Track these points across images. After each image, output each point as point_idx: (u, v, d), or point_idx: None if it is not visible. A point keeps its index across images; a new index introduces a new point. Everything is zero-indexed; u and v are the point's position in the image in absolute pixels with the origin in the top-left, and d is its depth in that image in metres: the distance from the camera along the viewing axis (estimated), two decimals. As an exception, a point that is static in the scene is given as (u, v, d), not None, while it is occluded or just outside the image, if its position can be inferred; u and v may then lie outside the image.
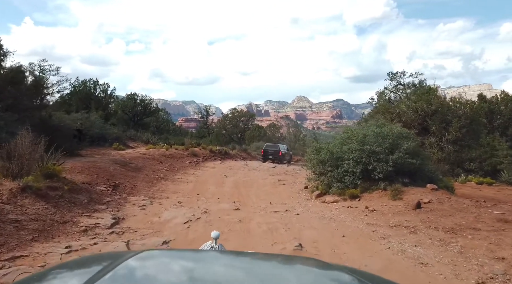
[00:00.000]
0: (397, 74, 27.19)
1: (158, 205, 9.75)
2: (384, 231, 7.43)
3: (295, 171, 22.41)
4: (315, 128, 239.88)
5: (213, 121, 55.88)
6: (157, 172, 16.14)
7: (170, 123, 47.49)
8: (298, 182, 16.34)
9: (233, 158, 30.52)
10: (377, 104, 33.29)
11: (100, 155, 18.28)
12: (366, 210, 9.28)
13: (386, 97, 27.89)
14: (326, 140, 65.56)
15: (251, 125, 49.46)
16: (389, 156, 10.56)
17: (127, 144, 25.33)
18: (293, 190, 13.99)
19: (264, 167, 24.20)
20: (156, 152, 22.60)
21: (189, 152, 25.27)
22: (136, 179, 13.51)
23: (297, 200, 11.70)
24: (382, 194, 10.23)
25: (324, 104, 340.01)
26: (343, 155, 11.32)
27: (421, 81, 23.00)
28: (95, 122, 23.38)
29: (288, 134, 59.90)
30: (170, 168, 18.18)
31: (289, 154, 32.40)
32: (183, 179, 15.61)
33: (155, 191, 12.07)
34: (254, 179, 17.37)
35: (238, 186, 14.95)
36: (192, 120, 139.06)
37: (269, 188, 14.77)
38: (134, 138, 28.16)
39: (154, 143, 26.61)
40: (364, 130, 11.61)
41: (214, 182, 15.67)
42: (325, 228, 7.82)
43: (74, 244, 5.81)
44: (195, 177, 16.63)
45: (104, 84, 31.14)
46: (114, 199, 9.55)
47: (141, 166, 16.44)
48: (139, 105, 37.82)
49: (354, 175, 10.92)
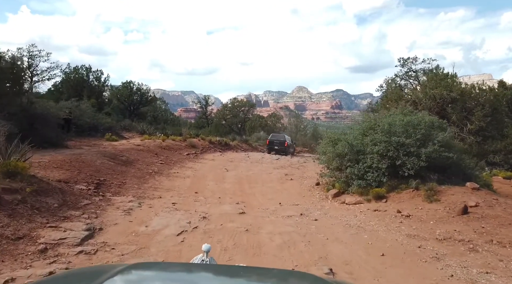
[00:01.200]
0: (408, 60, 25.41)
1: (148, 208, 8.06)
2: (434, 246, 5.77)
3: (300, 164, 20.77)
4: (315, 118, 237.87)
5: (213, 111, 54.05)
6: (151, 166, 14.44)
7: (168, 113, 45.62)
8: (306, 177, 14.68)
9: (234, 149, 28.82)
10: (386, 92, 31.52)
11: (90, 146, 16.57)
12: (399, 215, 7.61)
13: (396, 84, 26.15)
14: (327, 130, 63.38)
15: (251, 116, 47.66)
16: (421, 149, 8.87)
17: (121, 135, 23.58)
18: (303, 187, 12.32)
19: (267, 159, 22.53)
20: (151, 143, 20.90)
21: (187, 143, 23.53)
22: (126, 174, 11.81)
23: (310, 200, 10.03)
24: (413, 194, 8.56)
25: (323, 94, 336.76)
26: (365, 148, 9.63)
27: (437, 67, 21.19)
28: (86, 111, 21.59)
29: (289, 125, 58.11)
30: (165, 161, 16.48)
31: (292, 145, 30.83)
32: (179, 174, 13.92)
33: (146, 189, 10.38)
34: (257, 173, 15.69)
35: (241, 181, 13.28)
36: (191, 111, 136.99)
37: (276, 184, 13.11)
38: (129, 129, 26.39)
39: (150, 134, 24.88)
40: (390, 118, 9.88)
41: (214, 177, 13.99)
42: (355, 241, 6.15)
43: (19, 274, 4.14)
44: (193, 171, 14.94)
45: (97, 71, 29.25)
46: (94, 201, 7.85)
47: (133, 159, 14.74)
48: (135, 94, 35.97)
49: (378, 171, 9.23)
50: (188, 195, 10.24)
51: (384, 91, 31.39)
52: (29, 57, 27.83)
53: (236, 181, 13.35)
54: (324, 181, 11.60)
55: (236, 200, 9.78)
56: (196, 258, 2.53)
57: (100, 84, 29.25)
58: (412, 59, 25.21)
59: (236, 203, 9.39)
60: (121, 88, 35.53)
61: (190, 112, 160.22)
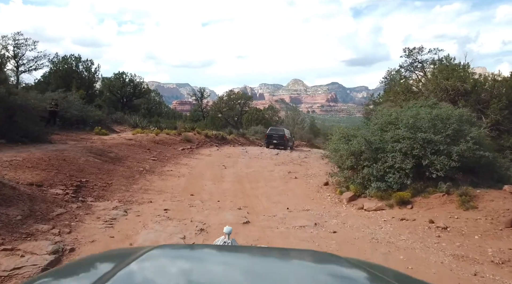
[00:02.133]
0: (414, 51, 24.15)
1: (135, 217, 6.77)
2: (494, 273, 4.56)
3: (301, 159, 19.55)
4: (310, 112, 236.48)
5: (208, 104, 52.59)
6: (142, 163, 13.12)
7: (163, 106, 44.15)
8: (311, 175, 13.46)
9: (231, 144, 27.54)
10: (389, 84, 30.29)
11: (76, 141, 15.20)
12: (434, 227, 6.38)
13: (401, 76, 24.91)
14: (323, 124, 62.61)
15: (248, 108, 46.32)
16: (452, 147, 7.64)
17: (112, 128, 22.20)
18: (310, 187, 11.09)
19: (266, 154, 21.28)
20: (144, 137, 19.56)
21: (182, 137, 22.21)
22: (113, 173, 10.49)
23: (321, 204, 8.80)
24: (444, 200, 7.34)
25: (319, 87, 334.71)
26: (385, 145, 8.39)
27: (447, 57, 19.95)
28: (74, 103, 20.15)
29: (286, 118, 56.84)
30: (159, 157, 15.17)
31: (291, 139, 29.69)
32: (173, 172, 12.62)
33: (135, 191, 9.08)
34: (258, 170, 14.44)
35: (241, 180, 12.02)
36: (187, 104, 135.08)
37: (280, 183, 11.86)
38: (121, 122, 25.00)
39: (143, 127, 23.52)
40: (413, 111, 8.62)
41: (212, 175, 12.71)
42: (390, 264, 4.92)
43: None
44: (188, 169, 13.65)
45: (87, 61, 27.66)
46: (70, 210, 6.54)
47: (122, 155, 13.40)
48: (128, 85, 34.47)
49: (401, 172, 8.00)
50: (183, 198, 8.96)
51: (387, 84, 30.16)
52: (15, 46, 26.30)
53: (236, 180, 12.09)
54: (334, 181, 10.38)
55: (238, 204, 8.53)
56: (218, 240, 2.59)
57: (90, 75, 27.69)
58: (418, 49, 23.95)
59: (238, 208, 8.14)
60: (113, 79, 33.99)
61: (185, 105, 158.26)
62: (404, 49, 24.52)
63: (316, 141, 48.36)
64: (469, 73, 17.10)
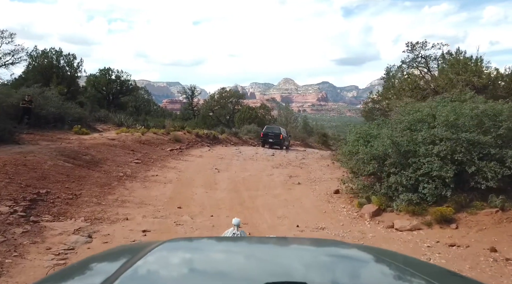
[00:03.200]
0: (417, 45, 22.71)
1: (100, 245, 5.02)
2: None
3: (300, 161, 17.96)
4: (301, 111, 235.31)
5: (199, 102, 50.72)
6: (123, 167, 11.34)
7: (152, 104, 42.14)
8: (316, 180, 11.85)
9: (223, 143, 25.80)
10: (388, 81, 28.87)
11: (51, 141, 13.34)
12: (501, 259, 4.77)
13: (404, 72, 23.46)
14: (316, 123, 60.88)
15: (240, 107, 44.61)
16: (506, 151, 6.08)
17: (94, 127, 20.29)
18: (318, 196, 9.45)
19: (261, 155, 19.63)
20: (129, 137, 17.74)
21: (171, 136, 20.40)
22: (85, 181, 8.71)
23: (338, 219, 7.16)
24: (498, 218, 5.76)
25: (310, 86, 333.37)
26: (416, 148, 6.79)
27: (458, 51, 18.50)
28: (51, 100, 18.21)
29: (279, 117, 55.30)
30: (143, 160, 13.39)
31: (288, 138, 28.25)
32: (159, 177, 10.88)
33: (110, 204, 7.33)
34: (255, 173, 12.77)
35: (237, 187, 10.34)
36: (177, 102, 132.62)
37: (282, 190, 10.21)
38: (105, 120, 23.08)
39: (129, 126, 21.67)
40: (453, 106, 7.03)
41: (203, 180, 11.00)
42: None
43: None
44: (177, 173, 11.91)
45: (69, 56, 25.60)
46: (11, 238, 4.78)
47: (100, 158, 11.61)
48: (114, 82, 32.46)
49: (438, 181, 6.41)
50: (168, 212, 7.24)
51: (386, 80, 28.74)
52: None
53: (231, 186, 10.40)
54: (347, 189, 8.76)
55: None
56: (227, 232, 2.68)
57: (72, 70, 25.65)
58: (421, 44, 22.53)
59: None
60: (98, 75, 31.96)
61: (175, 103, 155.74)
62: (407, 43, 23.01)
63: (310, 140, 47.03)
64: (482, 67, 15.68)
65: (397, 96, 18.26)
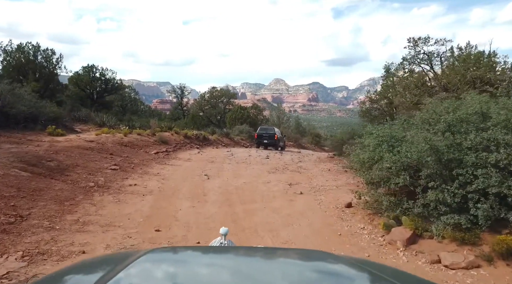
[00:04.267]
0: (419, 41, 21.32)
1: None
2: None
3: (296, 164, 16.41)
4: (292, 111, 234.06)
5: (189, 102, 48.88)
6: (96, 174, 9.60)
7: (139, 103, 40.16)
8: (319, 188, 10.27)
9: (214, 145, 24.11)
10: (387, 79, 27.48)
11: (17, 144, 11.54)
12: None
13: (405, 69, 22.05)
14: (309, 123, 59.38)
15: (232, 106, 42.94)
16: None
17: (72, 127, 18.42)
18: (326, 210, 7.85)
19: (255, 157, 18.01)
20: (109, 138, 15.97)
21: (157, 138, 18.66)
22: (41, 195, 6.98)
23: (359, 247, 5.55)
24: None
25: (300, 87, 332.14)
26: (463, 156, 5.22)
27: (468, 45, 17.09)
28: (23, 97, 16.33)
29: (271, 117, 53.79)
30: (122, 165, 11.67)
31: (283, 138, 27.06)
32: (137, 187, 9.17)
33: (65, 229, 5.63)
34: (250, 181, 11.13)
35: (230, 199, 8.68)
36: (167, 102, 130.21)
37: (282, 202, 8.59)
38: (86, 120, 21.21)
39: (111, 126, 19.86)
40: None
41: (190, 190, 9.34)
42: None
43: None
44: (159, 181, 10.21)
45: (47, 51, 23.61)
46: None
47: (69, 164, 9.86)
48: (98, 80, 30.53)
49: (494, 200, 4.85)
50: (142, 238, 5.57)
51: (384, 79, 27.34)
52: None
53: (223, 198, 8.74)
54: (363, 203, 7.19)
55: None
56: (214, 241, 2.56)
57: (51, 66, 23.67)
58: (424, 39, 21.14)
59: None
60: (81, 73, 30.00)
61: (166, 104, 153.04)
62: (409, 39, 21.61)
63: (303, 141, 45.56)
64: (496, 63, 14.30)
65: (401, 94, 16.82)
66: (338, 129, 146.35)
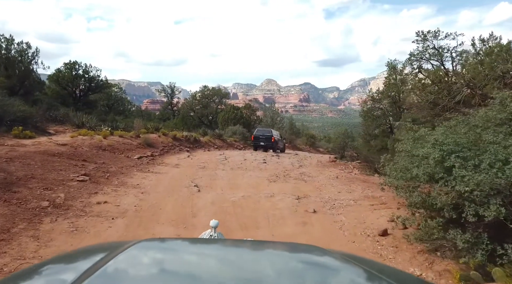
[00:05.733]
0: (429, 34, 19.52)
1: None
2: None
3: (298, 169, 14.53)
4: (283, 111, 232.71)
5: (179, 101, 46.67)
6: (55, 190, 7.50)
7: (126, 102, 37.82)
8: (334, 203, 8.32)
9: (205, 147, 22.06)
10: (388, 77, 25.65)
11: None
12: None
13: (413, 66, 20.22)
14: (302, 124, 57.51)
15: (224, 106, 40.88)
16: None
17: (46, 128, 16.21)
18: (353, 239, 5.88)
19: (251, 162, 16.04)
20: (86, 141, 13.86)
21: (141, 140, 16.56)
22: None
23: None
24: None
25: (292, 87, 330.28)
26: None
27: (491, 36, 15.27)
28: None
29: (265, 117, 51.87)
30: (94, 175, 9.57)
31: (281, 140, 25.72)
32: (107, 206, 7.10)
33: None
34: (249, 194, 9.10)
35: (227, 222, 6.61)
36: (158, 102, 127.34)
37: (294, 226, 6.61)
38: (64, 120, 18.98)
39: (92, 127, 17.69)
40: None
41: (175, 210, 7.29)
42: None
43: None
44: (138, 196, 8.14)
45: (22, 43, 21.27)
46: None
47: (22, 175, 7.73)
48: (81, 77, 28.22)
49: None
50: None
51: (387, 77, 25.52)
52: None
53: (218, 220, 6.75)
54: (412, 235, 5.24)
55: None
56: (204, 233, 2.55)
57: (26, 61, 21.33)
58: (433, 33, 19.35)
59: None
60: (63, 70, 27.67)
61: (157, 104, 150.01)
62: (418, 32, 19.83)
63: (297, 142, 43.73)
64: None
65: (416, 93, 14.98)
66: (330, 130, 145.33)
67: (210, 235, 2.47)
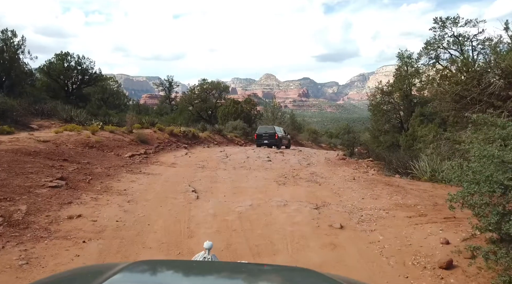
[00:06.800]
0: (447, 21, 17.91)
1: None
2: None
3: (306, 169, 13.01)
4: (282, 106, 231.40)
5: (177, 96, 44.96)
6: (15, 200, 5.91)
7: (123, 96, 36.12)
8: (362, 214, 6.77)
9: (205, 143, 20.49)
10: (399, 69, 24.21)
11: None
12: None
13: (430, 56, 18.61)
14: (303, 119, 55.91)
15: (224, 101, 39.24)
16: None
17: (28, 123, 14.59)
18: (406, 274, 4.34)
19: (254, 159, 14.51)
20: (72, 137, 12.31)
21: (134, 136, 14.96)
22: None
23: None
24: None
25: (291, 82, 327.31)
26: None
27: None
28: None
29: (266, 112, 50.22)
30: (73, 178, 7.99)
31: (286, 137, 24.57)
32: (80, 222, 5.53)
33: None
34: (258, 202, 7.53)
35: (233, 246, 5.08)
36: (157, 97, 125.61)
37: (319, 249, 5.06)
38: (51, 114, 17.36)
39: (81, 122, 16.10)
40: None
41: (167, 227, 5.72)
42: None
43: None
44: (122, 206, 6.56)
45: (7, 31, 19.56)
46: None
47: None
48: (74, 69, 26.56)
49: None
50: None
51: (398, 69, 24.00)
52: None
53: (222, 242, 5.14)
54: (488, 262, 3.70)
55: None
56: (198, 255, 2.43)
57: (11, 51, 19.63)
58: (453, 19, 17.74)
59: None
60: (54, 61, 25.99)
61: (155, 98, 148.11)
62: (435, 19, 18.18)
63: (299, 138, 42.19)
64: None
65: (445, 83, 13.40)
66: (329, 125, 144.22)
67: (204, 257, 2.23)
